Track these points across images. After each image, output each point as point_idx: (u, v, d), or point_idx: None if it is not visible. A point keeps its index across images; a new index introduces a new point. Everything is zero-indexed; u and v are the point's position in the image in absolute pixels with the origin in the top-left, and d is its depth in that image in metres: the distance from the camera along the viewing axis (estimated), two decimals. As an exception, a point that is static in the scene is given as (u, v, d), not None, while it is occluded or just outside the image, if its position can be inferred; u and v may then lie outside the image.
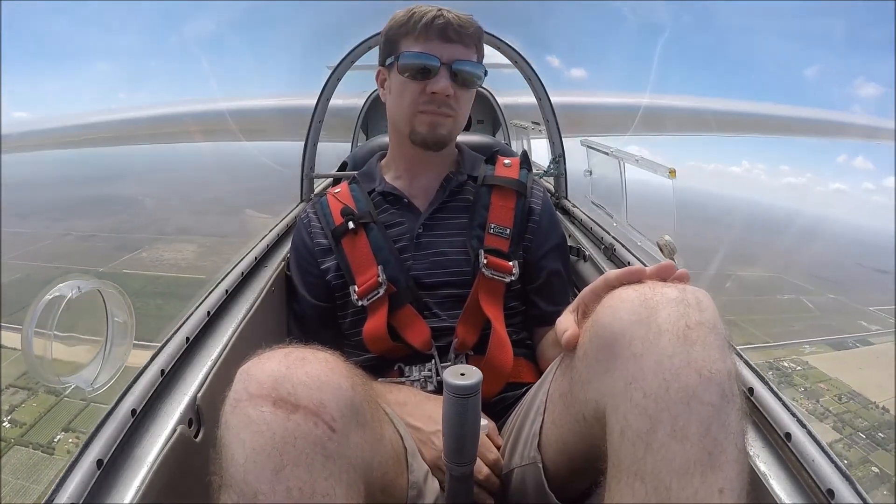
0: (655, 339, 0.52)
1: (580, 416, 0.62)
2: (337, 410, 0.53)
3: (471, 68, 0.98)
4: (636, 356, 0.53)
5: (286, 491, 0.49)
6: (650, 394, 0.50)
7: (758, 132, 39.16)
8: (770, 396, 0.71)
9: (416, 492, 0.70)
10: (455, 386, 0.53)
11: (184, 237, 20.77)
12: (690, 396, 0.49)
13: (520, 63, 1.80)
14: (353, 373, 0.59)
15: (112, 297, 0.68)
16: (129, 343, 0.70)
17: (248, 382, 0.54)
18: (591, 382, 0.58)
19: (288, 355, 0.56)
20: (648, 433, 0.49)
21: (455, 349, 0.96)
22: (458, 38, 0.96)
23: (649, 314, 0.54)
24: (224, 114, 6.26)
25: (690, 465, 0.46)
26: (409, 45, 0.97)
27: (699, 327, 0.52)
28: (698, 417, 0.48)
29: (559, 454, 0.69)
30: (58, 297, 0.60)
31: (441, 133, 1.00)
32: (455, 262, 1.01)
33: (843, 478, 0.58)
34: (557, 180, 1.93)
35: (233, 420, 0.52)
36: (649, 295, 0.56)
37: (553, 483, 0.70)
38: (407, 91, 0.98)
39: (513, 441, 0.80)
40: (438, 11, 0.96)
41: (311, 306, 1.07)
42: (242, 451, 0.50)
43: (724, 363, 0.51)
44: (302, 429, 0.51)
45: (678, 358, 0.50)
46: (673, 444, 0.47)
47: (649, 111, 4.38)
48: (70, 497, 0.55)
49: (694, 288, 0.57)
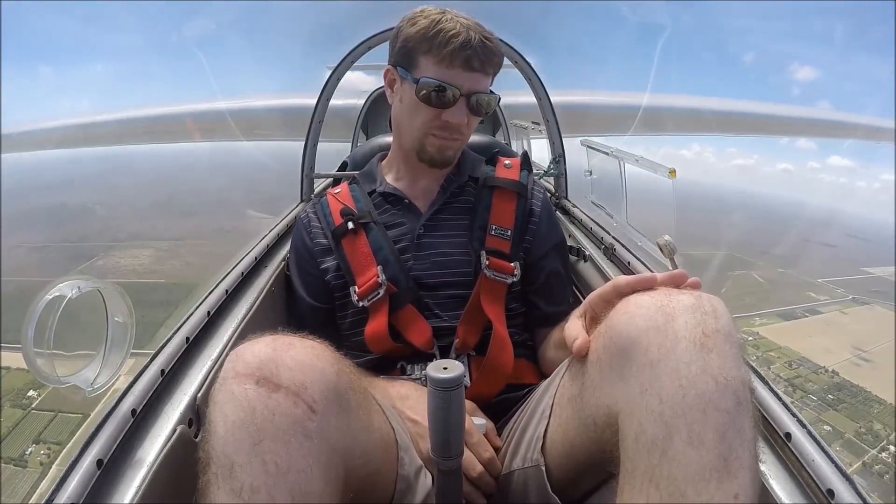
0: (672, 346, 0.52)
1: (590, 421, 0.62)
2: (319, 393, 0.55)
3: (488, 98, 0.96)
4: (652, 363, 0.53)
5: (262, 464, 0.50)
6: (666, 400, 0.50)
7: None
8: (770, 396, 0.71)
9: (405, 486, 0.70)
10: (438, 379, 0.54)
11: (140, 242, 20.80)
12: (707, 403, 0.49)
13: (520, 63, 1.80)
14: (339, 360, 0.60)
15: (112, 297, 0.68)
16: (129, 343, 0.70)
17: (235, 362, 0.56)
18: (603, 388, 0.59)
19: (276, 339, 0.58)
20: (664, 439, 0.49)
21: (456, 349, 0.96)
22: (481, 68, 0.93)
23: (666, 321, 0.54)
24: (224, 113, 6.26)
25: (706, 472, 0.46)
26: (430, 66, 0.92)
27: (716, 335, 0.53)
28: (714, 424, 0.48)
29: (564, 457, 0.69)
30: (58, 297, 0.60)
31: (448, 155, 1.01)
32: (456, 262, 1.01)
33: (843, 478, 0.58)
34: (557, 180, 1.93)
35: (218, 396, 0.54)
36: (665, 302, 0.56)
37: (555, 485, 0.70)
38: (420, 113, 0.96)
39: (515, 443, 0.80)
40: (467, 34, 0.90)
41: (309, 307, 1.07)
42: (224, 425, 0.52)
43: (740, 371, 0.51)
44: (282, 407, 0.52)
45: (695, 365, 0.51)
46: (689, 451, 0.47)
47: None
48: (70, 497, 0.55)
49: (709, 295, 0.58)
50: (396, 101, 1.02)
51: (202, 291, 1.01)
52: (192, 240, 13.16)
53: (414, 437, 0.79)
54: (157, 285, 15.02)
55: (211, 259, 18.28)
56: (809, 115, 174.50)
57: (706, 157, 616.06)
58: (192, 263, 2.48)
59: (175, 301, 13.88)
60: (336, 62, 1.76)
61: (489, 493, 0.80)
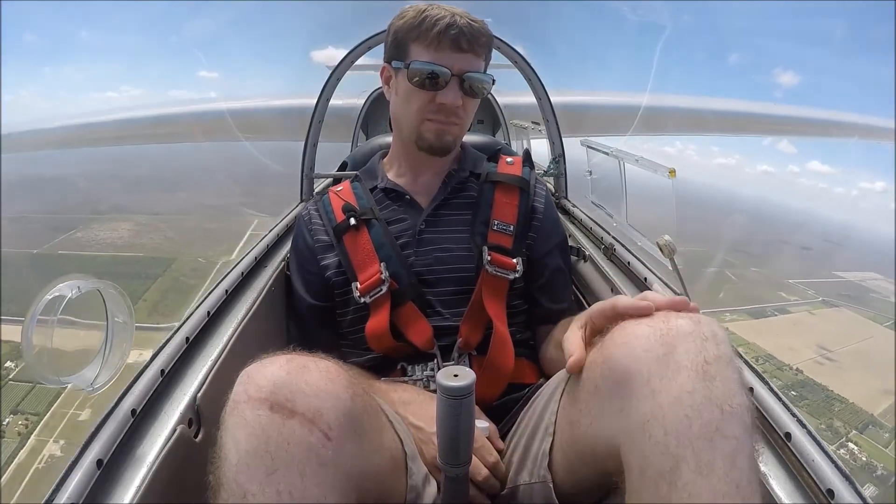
0: (674, 376, 0.52)
1: (590, 450, 0.62)
2: (334, 419, 0.54)
3: (480, 78, 0.97)
4: (654, 393, 0.52)
5: (276, 494, 0.49)
6: (671, 431, 0.50)
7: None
8: (770, 396, 0.71)
9: (414, 494, 0.70)
10: (448, 388, 0.53)
11: (121, 215, 20.87)
12: (714, 432, 0.49)
13: (520, 63, 1.80)
14: (354, 382, 0.59)
15: (112, 297, 0.68)
16: (129, 343, 0.70)
17: (248, 385, 0.54)
18: (602, 419, 0.59)
19: (290, 361, 0.56)
20: (672, 471, 0.48)
21: (459, 348, 0.96)
22: (470, 48, 0.94)
23: (666, 351, 0.54)
24: (224, 113, 6.27)
25: (719, 498, 0.46)
26: (420, 51, 0.95)
27: (717, 362, 0.52)
28: (723, 452, 0.48)
29: (568, 474, 0.69)
30: (58, 297, 0.60)
31: (447, 140, 1.00)
32: (458, 258, 1.00)
33: (843, 478, 0.58)
34: (557, 180, 1.92)
35: (230, 421, 0.53)
36: (664, 331, 0.56)
37: (562, 500, 0.71)
38: (414, 99, 0.97)
39: (520, 457, 0.79)
40: (452, 18, 0.93)
41: (308, 306, 1.07)
42: (236, 452, 0.50)
43: (742, 397, 0.51)
44: (297, 435, 0.51)
45: (699, 394, 0.50)
46: (699, 480, 0.47)
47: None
48: (70, 497, 0.55)
49: (707, 319, 0.57)
50: (393, 95, 1.03)
51: (202, 291, 1.01)
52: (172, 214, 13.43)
53: (418, 443, 0.79)
54: (135, 258, 15.13)
55: (193, 234, 18.20)
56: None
57: (689, 154, 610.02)
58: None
59: (154, 275, 13.87)
60: (336, 62, 1.76)
61: (494, 496, 0.80)
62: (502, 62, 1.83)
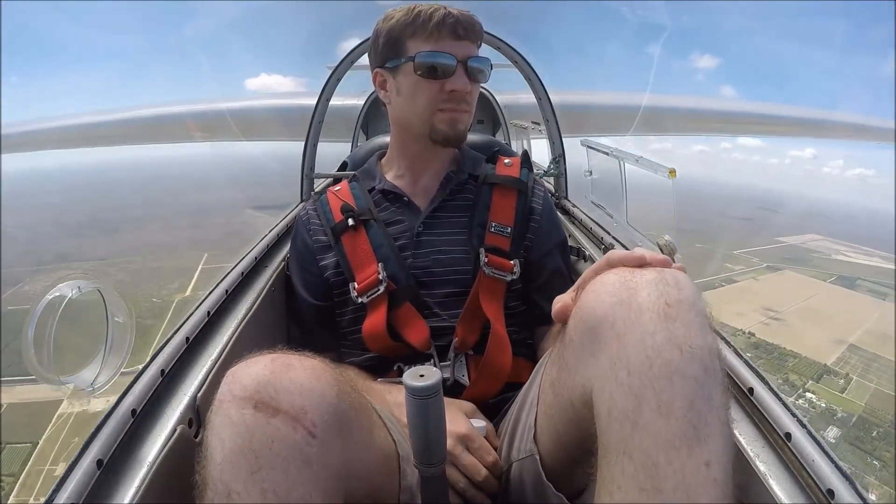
0: (637, 318, 0.53)
1: (569, 404, 0.62)
2: (318, 417, 0.53)
3: (482, 64, 1.00)
4: (619, 336, 0.53)
5: (260, 492, 0.49)
6: (634, 371, 0.50)
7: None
8: (770, 396, 0.71)
9: (408, 496, 0.70)
10: (414, 388, 0.53)
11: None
12: (673, 372, 0.49)
13: (520, 63, 1.80)
14: (340, 380, 0.59)
15: (112, 297, 0.68)
16: (129, 343, 0.70)
17: (232, 385, 0.54)
18: (577, 368, 0.59)
19: (274, 360, 0.56)
20: (634, 411, 0.49)
21: (455, 349, 0.96)
22: (467, 35, 0.98)
23: (630, 295, 0.54)
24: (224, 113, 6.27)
25: (676, 440, 0.47)
26: (419, 44, 0.96)
27: (679, 305, 0.53)
28: (682, 393, 0.48)
29: (554, 444, 0.69)
30: (58, 297, 0.60)
31: (461, 129, 1.02)
32: (455, 260, 1.01)
33: (843, 478, 0.58)
34: (557, 180, 1.92)
35: (215, 420, 0.53)
36: (629, 277, 0.57)
37: (552, 475, 0.70)
38: (423, 91, 0.97)
39: (509, 436, 0.80)
40: (444, 9, 0.96)
41: (308, 305, 1.07)
42: (221, 451, 0.51)
43: (705, 339, 0.51)
44: (281, 433, 0.51)
45: (660, 335, 0.51)
46: (658, 420, 0.48)
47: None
48: (70, 497, 0.55)
49: (672, 270, 0.58)
50: (394, 97, 1.03)
51: (202, 291, 1.01)
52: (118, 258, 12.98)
53: None
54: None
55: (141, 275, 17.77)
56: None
57: (625, 140, 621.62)
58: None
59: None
60: (336, 62, 1.76)
61: (494, 495, 0.80)
62: (502, 62, 1.83)
